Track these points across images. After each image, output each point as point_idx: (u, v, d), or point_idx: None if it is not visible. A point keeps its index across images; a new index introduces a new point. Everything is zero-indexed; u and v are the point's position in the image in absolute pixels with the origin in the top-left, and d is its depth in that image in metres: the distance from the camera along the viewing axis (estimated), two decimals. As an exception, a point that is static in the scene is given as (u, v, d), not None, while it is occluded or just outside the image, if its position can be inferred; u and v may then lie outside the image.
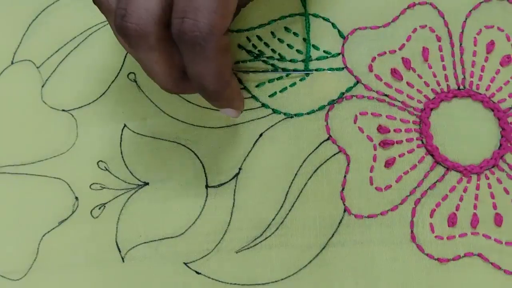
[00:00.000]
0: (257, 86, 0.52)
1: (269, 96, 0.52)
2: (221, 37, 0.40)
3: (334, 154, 0.50)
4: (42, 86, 0.56)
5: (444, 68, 0.51)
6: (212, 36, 0.39)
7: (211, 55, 0.41)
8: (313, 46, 0.52)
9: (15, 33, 0.57)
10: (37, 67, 0.56)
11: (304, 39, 0.52)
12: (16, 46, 0.57)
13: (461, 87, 0.51)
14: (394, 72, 0.51)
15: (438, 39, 0.52)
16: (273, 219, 0.50)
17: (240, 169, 0.51)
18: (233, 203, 0.51)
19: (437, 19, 0.52)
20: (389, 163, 0.50)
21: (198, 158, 0.52)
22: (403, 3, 0.52)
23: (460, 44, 0.52)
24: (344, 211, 0.50)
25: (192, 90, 0.46)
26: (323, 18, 0.53)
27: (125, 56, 0.55)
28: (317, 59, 0.52)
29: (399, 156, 0.50)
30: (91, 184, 0.53)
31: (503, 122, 0.50)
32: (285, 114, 0.52)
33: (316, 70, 0.52)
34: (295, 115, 0.51)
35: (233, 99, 0.47)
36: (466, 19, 0.52)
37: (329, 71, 0.52)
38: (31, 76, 0.56)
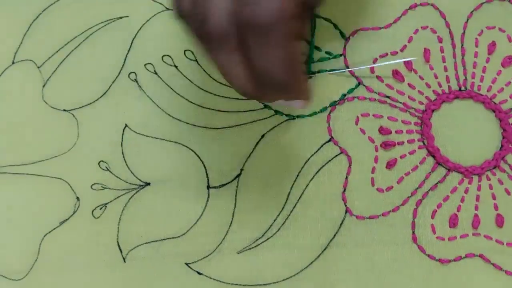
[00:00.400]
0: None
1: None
2: (287, 22, 0.37)
3: (336, 156, 0.51)
4: (43, 86, 0.55)
5: (445, 69, 0.51)
6: (277, 21, 0.37)
7: (278, 42, 0.38)
8: (315, 47, 0.52)
9: (16, 33, 0.57)
10: (38, 67, 0.56)
11: (307, 41, 0.52)
12: (17, 46, 0.57)
13: (463, 88, 0.51)
14: (396, 74, 0.51)
15: (440, 40, 0.52)
16: (274, 220, 0.50)
17: (241, 170, 0.51)
18: (235, 204, 0.51)
19: (439, 20, 0.52)
20: (390, 164, 0.50)
21: (200, 158, 0.52)
22: (405, 4, 0.52)
23: (462, 45, 0.52)
24: (346, 212, 0.50)
25: (272, 96, 0.43)
26: (325, 19, 0.53)
27: (126, 56, 0.55)
28: (319, 60, 0.52)
29: (401, 157, 0.50)
30: (92, 184, 0.53)
31: (504, 123, 0.50)
32: (287, 115, 0.52)
33: (331, 70, 0.52)
34: (297, 117, 0.52)
35: (303, 90, 0.42)
36: (467, 20, 0.52)
37: (340, 71, 0.52)
38: (32, 76, 0.56)
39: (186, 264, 0.51)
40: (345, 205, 0.50)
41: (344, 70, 0.52)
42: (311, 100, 0.45)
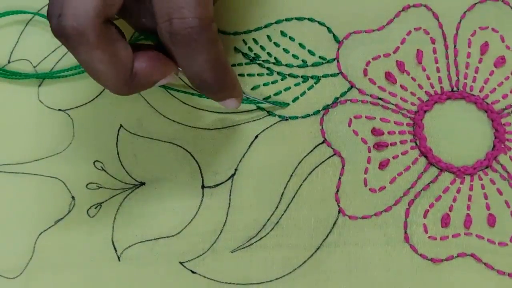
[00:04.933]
0: (252, 88, 0.53)
1: (263, 98, 0.52)
2: (211, 27, 0.40)
3: (329, 157, 0.51)
4: (39, 86, 0.56)
5: (438, 70, 0.51)
6: (203, 28, 0.40)
7: (208, 46, 0.41)
8: (309, 51, 0.53)
9: (12, 32, 0.57)
10: (34, 67, 0.56)
11: (300, 44, 0.53)
12: (13, 45, 0.57)
13: (455, 89, 0.51)
14: (388, 76, 0.51)
15: (433, 41, 0.52)
16: (268, 220, 0.51)
17: (236, 170, 0.52)
18: (229, 203, 0.51)
19: (432, 21, 0.52)
20: (383, 165, 0.50)
21: (194, 158, 0.52)
22: (398, 6, 0.53)
23: (454, 46, 0.52)
24: (339, 212, 0.50)
25: (143, 88, 0.44)
26: (319, 22, 0.53)
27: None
28: (313, 65, 0.52)
29: (393, 157, 0.50)
30: (88, 184, 0.53)
31: (497, 123, 0.50)
32: (279, 116, 0.52)
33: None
34: (290, 118, 0.52)
35: (234, 86, 0.46)
36: (460, 20, 0.52)
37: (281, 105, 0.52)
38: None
39: (180, 263, 0.51)
40: (338, 205, 0.50)
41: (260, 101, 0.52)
42: (241, 96, 0.48)
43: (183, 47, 0.40)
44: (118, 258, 0.52)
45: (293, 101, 0.52)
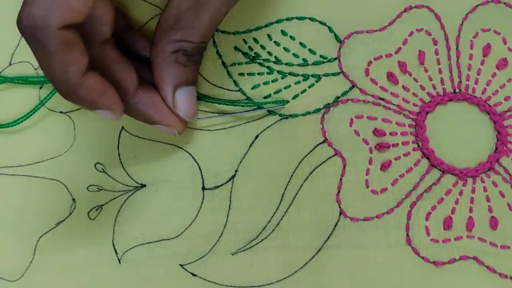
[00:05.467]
0: (252, 88, 0.53)
1: (264, 97, 0.52)
2: (59, 31, 0.39)
3: (330, 157, 0.51)
4: (40, 88, 0.56)
5: (440, 71, 0.51)
6: (47, 28, 0.38)
7: (49, 49, 0.39)
8: (310, 50, 0.53)
9: (13, 35, 0.57)
10: (35, 69, 0.56)
11: (301, 43, 0.53)
12: (14, 48, 0.57)
13: (457, 90, 0.51)
14: (390, 76, 0.51)
15: (435, 42, 0.52)
16: (269, 221, 0.50)
17: (236, 171, 0.52)
18: (229, 205, 0.51)
19: (434, 22, 0.52)
20: (385, 166, 0.50)
21: (195, 160, 0.52)
22: (400, 7, 0.53)
23: (457, 48, 0.52)
24: (340, 213, 0.50)
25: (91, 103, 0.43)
26: (320, 22, 0.53)
27: (123, 58, 0.55)
28: (314, 63, 0.52)
29: (395, 159, 0.50)
30: (89, 186, 0.53)
31: (499, 126, 0.50)
32: (280, 115, 0.52)
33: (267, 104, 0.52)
34: (290, 115, 0.52)
35: (95, 101, 0.43)
36: (462, 22, 0.52)
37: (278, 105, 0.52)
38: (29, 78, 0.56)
39: (181, 265, 0.51)
40: (339, 207, 0.50)
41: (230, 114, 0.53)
42: (117, 109, 0.45)
43: (27, 41, 0.40)
44: (119, 260, 0.52)
45: (293, 98, 0.52)
